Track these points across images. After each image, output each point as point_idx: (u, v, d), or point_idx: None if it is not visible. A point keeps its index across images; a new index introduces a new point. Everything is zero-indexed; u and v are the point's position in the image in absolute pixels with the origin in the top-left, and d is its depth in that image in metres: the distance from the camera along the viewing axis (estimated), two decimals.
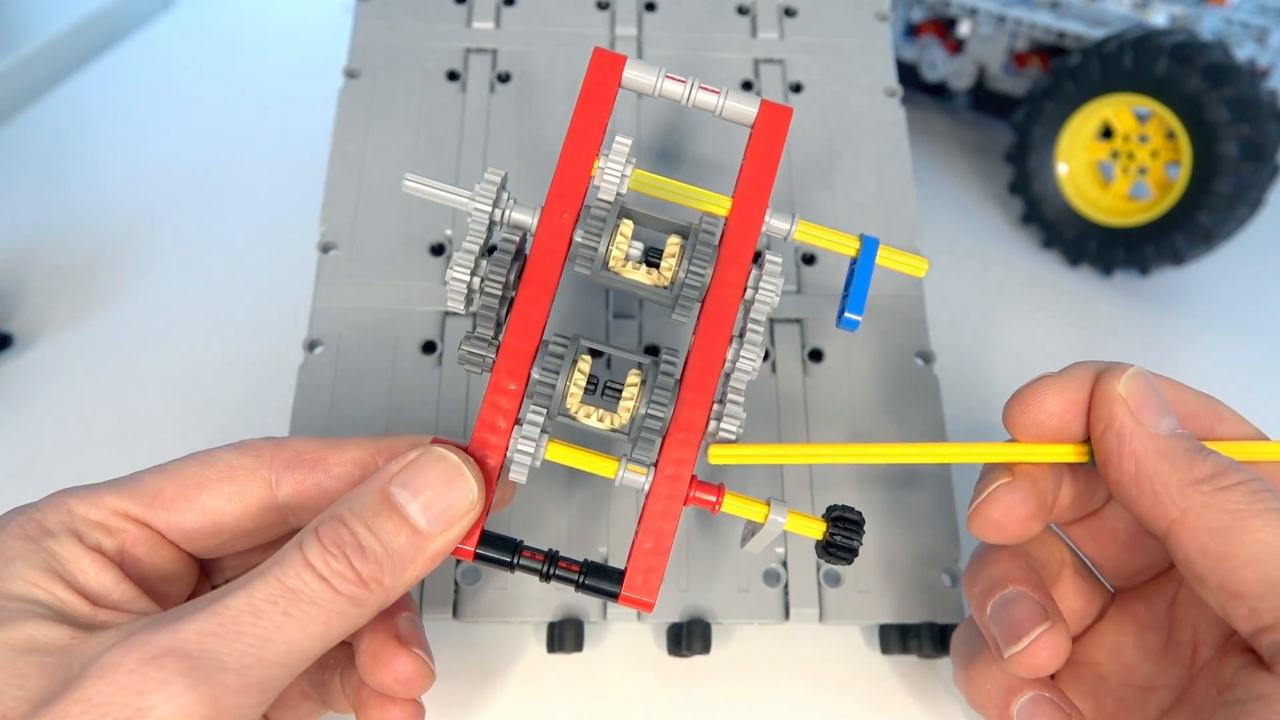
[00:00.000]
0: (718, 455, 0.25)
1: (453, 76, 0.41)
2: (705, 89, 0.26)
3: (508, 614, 0.33)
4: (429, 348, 0.36)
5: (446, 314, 0.37)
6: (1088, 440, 0.26)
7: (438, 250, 0.38)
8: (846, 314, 0.26)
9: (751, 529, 0.26)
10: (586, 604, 0.33)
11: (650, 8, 0.43)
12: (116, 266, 0.51)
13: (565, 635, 0.33)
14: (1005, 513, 0.27)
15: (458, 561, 0.33)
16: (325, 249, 0.38)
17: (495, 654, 0.35)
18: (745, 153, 0.26)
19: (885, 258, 0.27)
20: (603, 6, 0.43)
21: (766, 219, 0.26)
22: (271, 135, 0.59)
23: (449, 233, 0.38)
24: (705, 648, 0.33)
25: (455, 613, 0.33)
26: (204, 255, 0.52)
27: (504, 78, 0.41)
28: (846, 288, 0.26)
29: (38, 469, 0.42)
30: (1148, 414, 0.25)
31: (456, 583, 0.33)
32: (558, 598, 0.33)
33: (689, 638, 0.33)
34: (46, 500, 0.24)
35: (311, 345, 0.36)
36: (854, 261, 0.27)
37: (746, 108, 0.26)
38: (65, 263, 0.51)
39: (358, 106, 0.40)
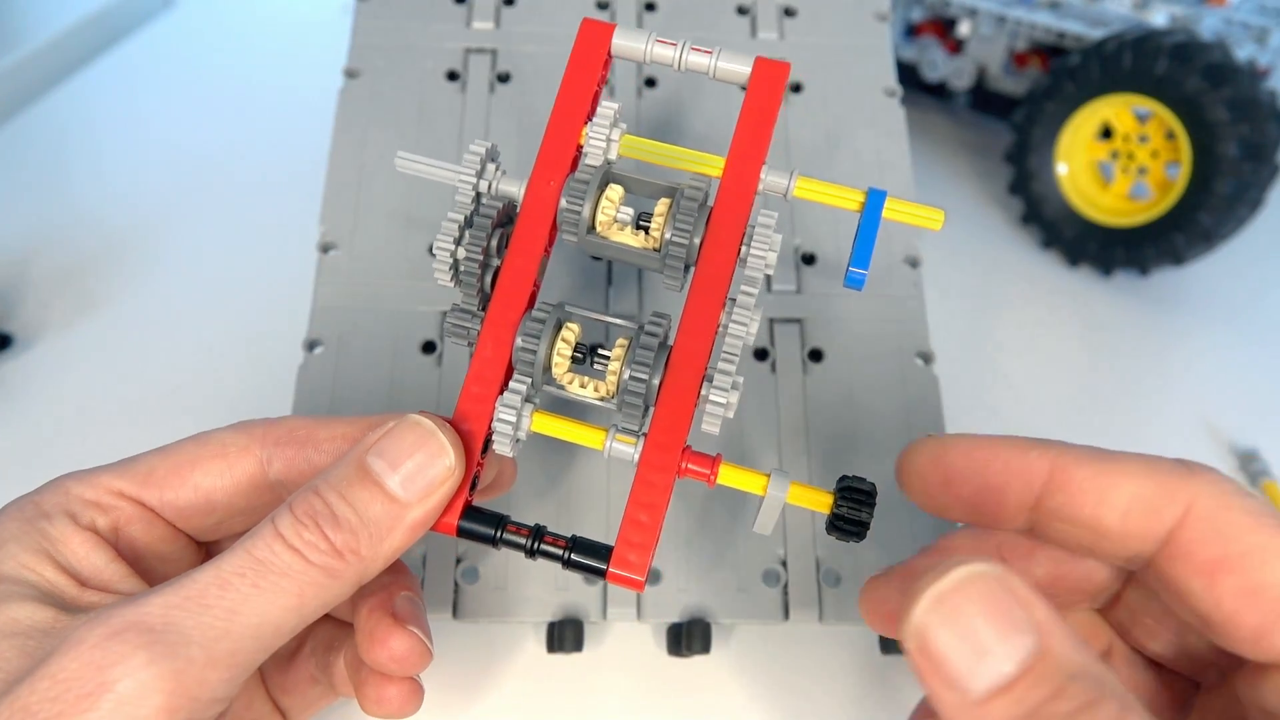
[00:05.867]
0: None
1: (453, 76, 0.41)
2: (697, 50, 0.25)
3: (507, 614, 0.33)
4: (429, 348, 0.36)
5: (446, 314, 0.37)
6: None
7: None
8: (851, 269, 0.24)
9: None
10: (586, 604, 0.33)
11: (650, 8, 0.43)
12: (116, 266, 0.51)
13: (565, 635, 0.33)
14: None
15: (458, 560, 0.33)
16: (325, 249, 0.38)
17: (495, 654, 0.35)
18: (741, 111, 0.25)
19: (895, 210, 0.25)
20: (603, 6, 0.43)
21: (763, 176, 0.25)
22: (271, 135, 0.59)
23: None
24: (705, 648, 0.33)
25: (455, 613, 0.33)
26: (204, 255, 0.52)
27: (504, 78, 0.41)
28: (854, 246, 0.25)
29: (37, 469, 0.41)
30: (950, 676, 0.17)
31: (456, 583, 0.33)
32: (557, 598, 0.33)
33: (689, 638, 0.33)
34: (47, 484, 0.25)
35: (311, 345, 0.36)
36: (861, 217, 0.25)
37: (740, 67, 0.25)
38: (65, 263, 0.51)
39: (358, 106, 0.40)
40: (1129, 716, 0.17)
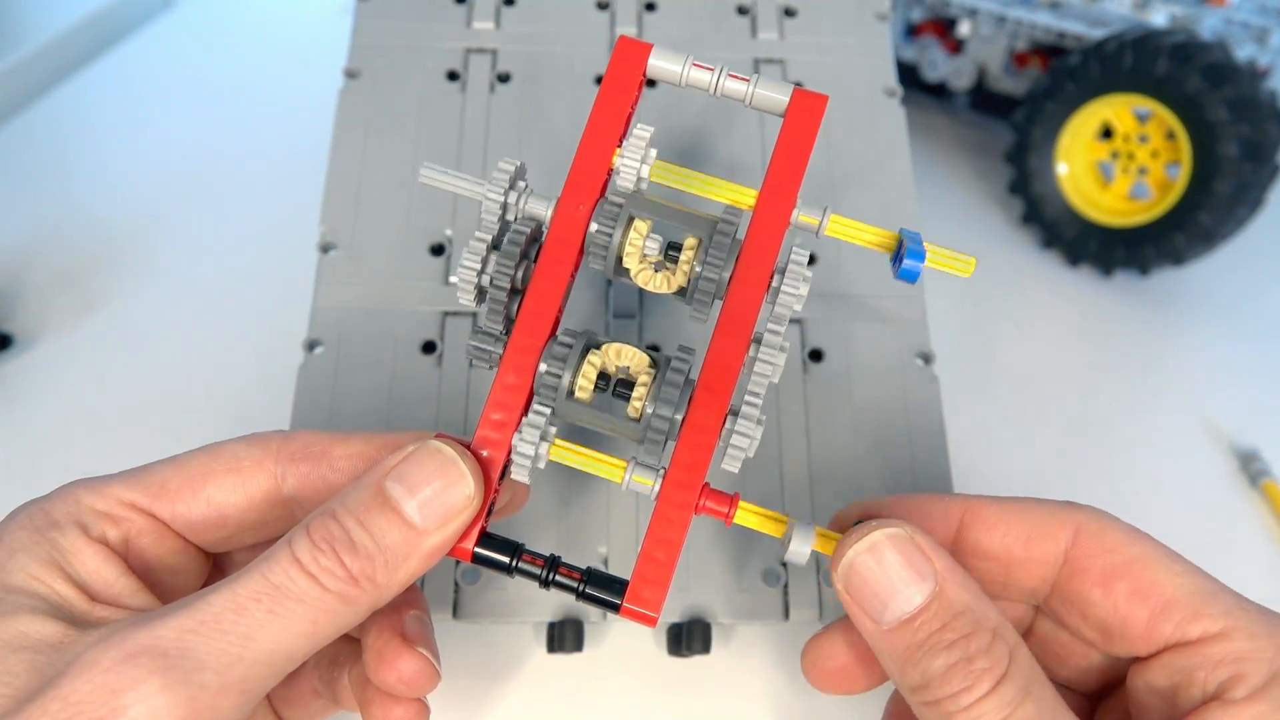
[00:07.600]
0: None
1: (453, 76, 0.41)
2: (735, 76, 0.25)
3: (508, 614, 0.33)
4: (429, 348, 0.36)
5: (446, 314, 0.37)
6: None
7: (438, 250, 0.38)
8: (906, 261, 0.24)
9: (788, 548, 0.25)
10: (586, 604, 0.33)
11: (650, 8, 0.43)
12: (117, 267, 0.51)
13: (565, 635, 0.33)
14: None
15: (457, 562, 0.33)
16: (325, 249, 0.38)
17: (495, 654, 0.35)
18: (776, 142, 0.25)
19: (929, 257, 0.25)
20: (603, 6, 0.43)
21: (795, 212, 0.25)
22: (271, 135, 0.59)
23: (449, 233, 0.38)
24: (705, 648, 0.33)
25: (455, 613, 0.33)
26: (204, 256, 0.52)
27: (504, 78, 0.41)
28: (896, 259, 0.25)
29: (37, 469, 0.42)
30: (869, 608, 0.23)
31: (456, 583, 0.33)
32: (558, 598, 0.33)
33: (689, 638, 0.33)
34: (57, 491, 0.24)
35: (311, 345, 0.36)
36: (898, 252, 0.25)
37: (778, 95, 0.25)
38: (65, 262, 0.51)
39: (358, 106, 0.40)
40: (998, 645, 0.22)
